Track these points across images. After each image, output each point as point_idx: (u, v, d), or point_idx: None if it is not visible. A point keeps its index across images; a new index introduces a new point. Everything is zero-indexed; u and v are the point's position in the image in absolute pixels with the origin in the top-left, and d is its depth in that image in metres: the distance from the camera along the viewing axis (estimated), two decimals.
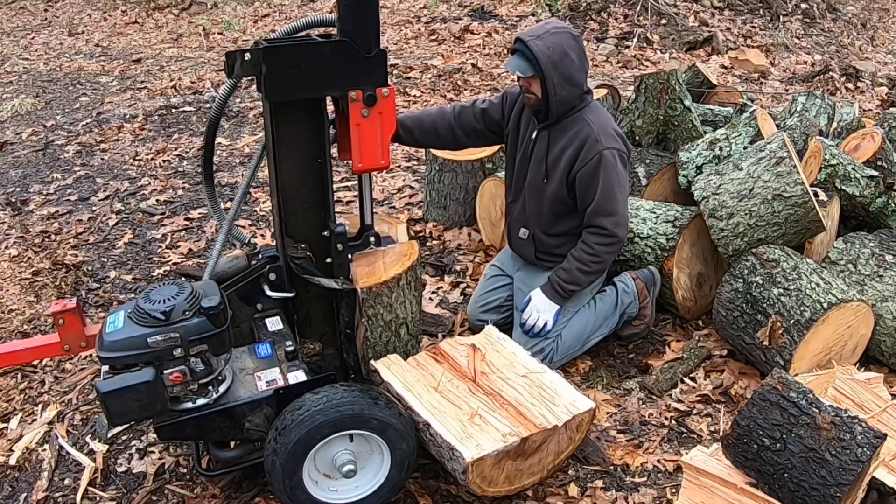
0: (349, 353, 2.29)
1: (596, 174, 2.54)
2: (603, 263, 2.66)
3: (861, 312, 2.61)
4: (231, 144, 5.31)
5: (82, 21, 10.54)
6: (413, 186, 4.49)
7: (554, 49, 2.48)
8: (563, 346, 2.72)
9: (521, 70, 2.51)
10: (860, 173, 3.30)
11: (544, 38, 2.48)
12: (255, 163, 2.20)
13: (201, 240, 3.92)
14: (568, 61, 2.50)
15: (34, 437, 2.53)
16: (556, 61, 2.48)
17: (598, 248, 2.61)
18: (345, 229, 2.20)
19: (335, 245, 2.20)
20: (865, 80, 7.03)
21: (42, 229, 4.04)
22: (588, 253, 2.62)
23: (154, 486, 2.30)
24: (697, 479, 1.94)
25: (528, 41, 2.48)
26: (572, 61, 2.51)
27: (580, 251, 2.63)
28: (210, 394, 2.01)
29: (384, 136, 2.06)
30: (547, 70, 2.48)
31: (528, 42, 2.48)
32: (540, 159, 2.67)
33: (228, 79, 2.02)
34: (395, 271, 2.30)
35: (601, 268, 2.69)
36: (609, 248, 2.62)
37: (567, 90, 2.54)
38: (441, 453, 2.07)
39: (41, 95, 6.86)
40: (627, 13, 8.61)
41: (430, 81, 6.66)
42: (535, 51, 2.47)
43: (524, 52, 2.50)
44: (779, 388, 1.86)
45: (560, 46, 2.48)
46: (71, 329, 2.17)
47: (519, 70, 2.51)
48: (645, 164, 3.51)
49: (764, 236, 2.82)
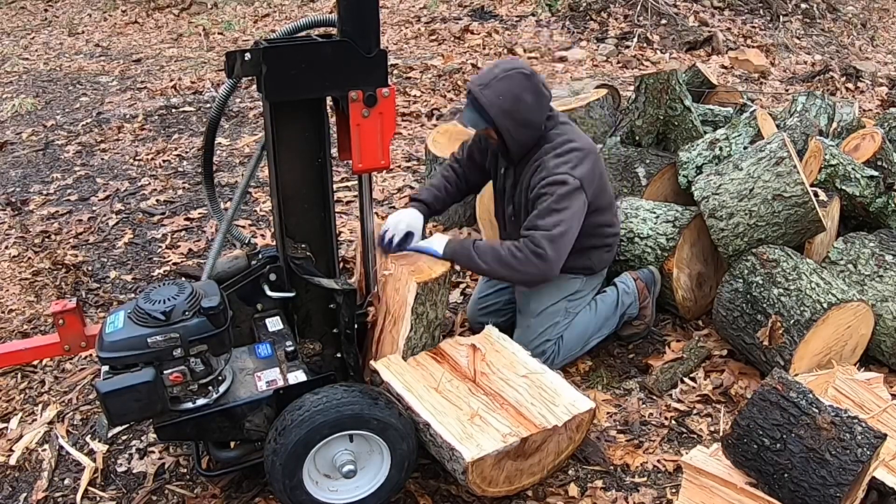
0: (349, 353, 2.29)
1: (539, 199, 2.42)
2: (510, 269, 2.39)
3: (861, 312, 2.62)
4: (231, 144, 5.31)
5: (82, 21, 10.53)
6: (413, 186, 4.49)
7: (504, 97, 2.39)
8: (564, 348, 2.72)
9: (473, 124, 2.47)
10: (860, 173, 3.30)
11: (492, 87, 2.39)
12: (254, 162, 2.20)
13: (201, 240, 3.92)
14: (522, 105, 2.41)
15: (34, 437, 2.53)
16: (508, 109, 2.39)
17: (519, 254, 2.37)
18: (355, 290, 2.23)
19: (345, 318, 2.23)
20: (865, 80, 7.03)
21: (42, 229, 4.04)
22: (510, 250, 2.38)
23: (154, 486, 2.30)
24: (697, 479, 1.94)
25: (476, 92, 2.40)
26: (526, 104, 2.41)
27: (507, 245, 2.40)
28: (210, 394, 2.01)
29: (384, 136, 2.05)
30: (499, 120, 2.40)
31: (475, 94, 2.40)
32: (509, 196, 2.67)
33: (228, 79, 2.02)
34: (440, 269, 2.35)
35: (505, 271, 2.42)
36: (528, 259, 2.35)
37: (525, 133, 2.46)
38: (441, 454, 2.07)
39: (41, 95, 6.86)
40: (627, 13, 8.61)
41: (430, 81, 6.66)
42: (484, 103, 2.39)
43: (474, 104, 2.43)
44: (779, 388, 1.86)
45: (510, 92, 2.39)
46: (71, 329, 2.17)
47: (471, 124, 2.46)
48: (645, 164, 3.51)
49: (764, 236, 2.82)
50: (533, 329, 2.68)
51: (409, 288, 2.32)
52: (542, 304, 2.70)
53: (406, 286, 2.33)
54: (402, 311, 2.34)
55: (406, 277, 2.35)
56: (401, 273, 2.38)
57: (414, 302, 2.30)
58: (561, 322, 2.70)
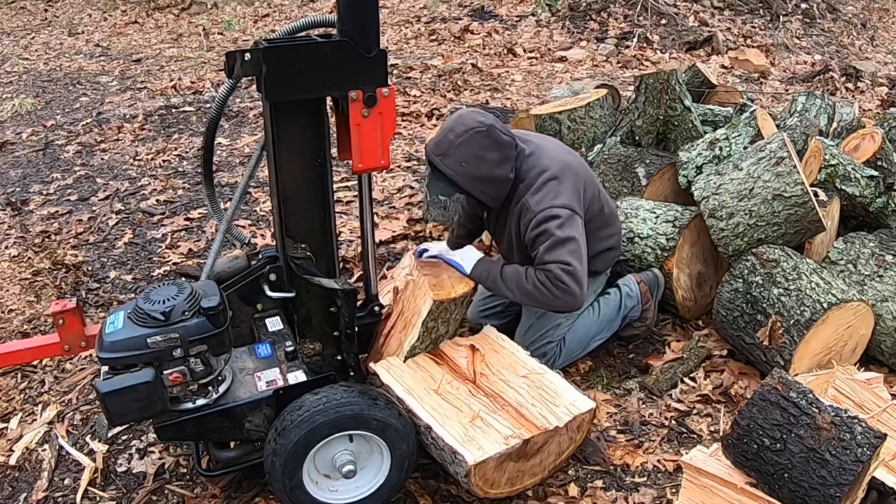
0: (349, 353, 2.29)
1: (536, 239, 2.40)
2: (536, 302, 2.41)
3: (861, 312, 2.61)
4: (231, 144, 5.31)
5: (82, 21, 10.53)
6: (413, 186, 4.48)
7: (468, 162, 2.36)
8: (566, 350, 2.71)
9: (445, 194, 2.48)
10: (860, 173, 3.30)
11: (452, 155, 2.36)
12: (254, 162, 2.20)
13: (201, 240, 3.91)
14: (486, 164, 2.37)
15: (34, 437, 2.53)
16: (473, 174, 2.37)
17: (539, 289, 2.35)
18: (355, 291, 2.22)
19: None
20: (865, 80, 7.03)
21: (42, 229, 4.04)
22: (530, 285, 2.38)
23: (154, 486, 2.30)
24: (697, 479, 1.94)
25: (437, 164, 2.37)
26: (491, 162, 2.38)
27: (527, 276, 2.39)
28: (210, 394, 2.01)
29: (384, 136, 2.05)
30: (468, 186, 2.39)
31: (437, 166, 2.38)
32: (501, 235, 2.67)
33: (228, 79, 2.02)
34: (462, 290, 2.34)
35: (527, 303, 2.48)
36: (551, 297, 2.34)
37: (497, 188, 2.44)
38: (443, 456, 2.07)
39: (41, 95, 6.86)
40: (627, 13, 8.61)
41: (430, 81, 6.66)
42: (449, 174, 2.37)
43: (437, 174, 2.42)
44: (779, 388, 1.86)
45: (472, 155, 2.35)
46: (71, 329, 2.17)
47: (443, 194, 2.48)
48: (645, 164, 3.50)
49: (764, 236, 2.82)
50: (535, 329, 2.68)
51: (425, 301, 2.30)
52: None
53: (423, 298, 2.32)
54: (413, 319, 2.34)
55: (425, 290, 2.33)
56: (422, 283, 2.36)
57: (427, 316, 2.29)
58: (563, 324, 2.69)
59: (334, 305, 2.22)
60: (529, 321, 2.71)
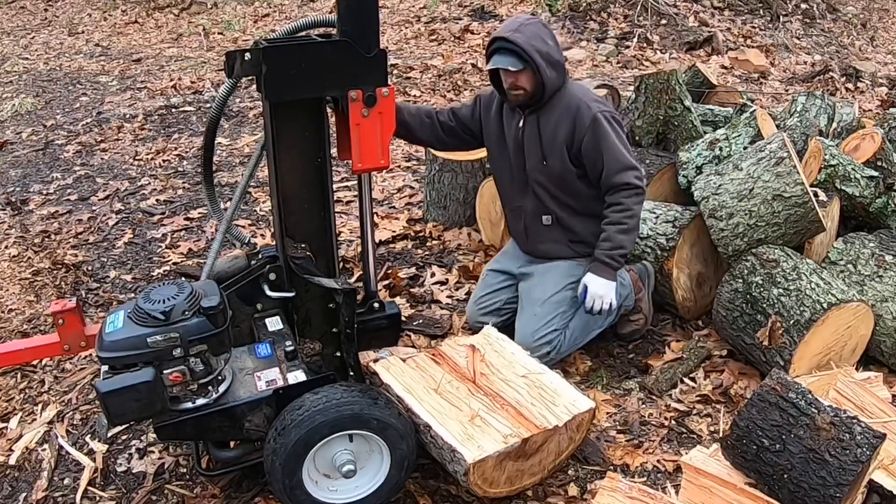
0: (349, 352, 2.29)
1: (597, 139, 2.60)
2: (635, 218, 2.67)
3: (861, 313, 2.61)
4: (231, 144, 5.31)
5: (82, 21, 10.54)
6: (413, 186, 4.49)
7: (535, 38, 2.54)
8: (570, 337, 2.72)
9: (512, 65, 2.54)
10: (860, 173, 3.30)
11: (523, 31, 2.53)
12: (254, 162, 2.20)
13: (201, 240, 3.91)
14: (549, 47, 2.58)
15: (34, 436, 2.53)
16: (541, 49, 2.54)
17: (627, 202, 2.62)
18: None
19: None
20: (865, 80, 7.03)
21: (42, 229, 4.04)
22: (619, 211, 2.63)
23: (154, 485, 2.30)
24: (697, 479, 1.94)
25: (510, 36, 2.52)
26: (552, 46, 2.60)
27: (612, 213, 2.64)
28: (210, 394, 2.01)
29: (384, 136, 2.06)
30: (536, 59, 2.53)
31: (510, 38, 2.52)
32: (533, 144, 2.70)
33: (228, 79, 2.02)
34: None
35: (635, 223, 2.69)
36: (636, 198, 2.64)
37: (554, 74, 2.60)
38: (442, 455, 2.07)
39: (41, 95, 6.86)
40: (627, 13, 8.61)
41: (430, 81, 6.66)
42: (521, 43, 2.51)
43: (508, 49, 2.54)
44: (778, 388, 1.86)
45: (538, 35, 2.55)
46: (71, 329, 2.17)
47: (511, 66, 2.54)
48: (645, 164, 3.50)
49: (764, 236, 2.82)
50: (540, 317, 2.68)
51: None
52: (546, 292, 2.71)
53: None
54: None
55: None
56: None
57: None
58: (567, 311, 2.70)
59: (334, 303, 2.22)
60: (532, 309, 2.71)
